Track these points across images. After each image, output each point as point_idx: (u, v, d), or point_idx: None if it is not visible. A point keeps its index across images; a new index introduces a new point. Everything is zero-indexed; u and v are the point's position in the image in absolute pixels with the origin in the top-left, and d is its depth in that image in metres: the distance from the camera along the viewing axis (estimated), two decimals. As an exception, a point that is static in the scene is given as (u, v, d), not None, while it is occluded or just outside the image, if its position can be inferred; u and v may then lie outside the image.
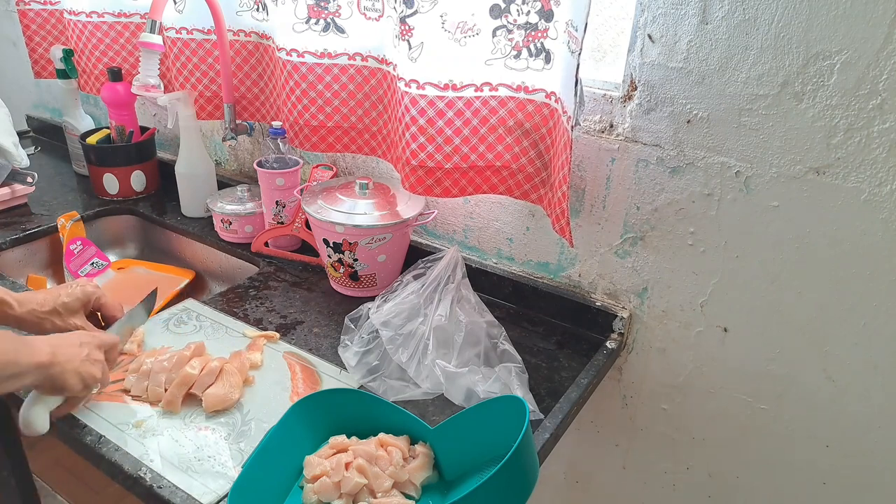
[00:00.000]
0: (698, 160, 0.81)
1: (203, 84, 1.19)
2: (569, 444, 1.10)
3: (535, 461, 0.63)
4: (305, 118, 1.03)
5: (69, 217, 1.20)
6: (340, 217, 0.97)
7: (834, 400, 0.83)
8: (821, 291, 0.79)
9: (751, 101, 0.75)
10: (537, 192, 0.92)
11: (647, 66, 0.81)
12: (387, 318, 0.83)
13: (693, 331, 0.90)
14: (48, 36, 1.45)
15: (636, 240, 0.90)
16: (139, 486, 0.67)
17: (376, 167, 1.15)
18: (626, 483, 1.07)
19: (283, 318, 0.97)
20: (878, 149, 0.70)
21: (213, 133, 1.39)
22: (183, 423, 0.75)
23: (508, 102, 0.87)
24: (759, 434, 0.90)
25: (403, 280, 0.89)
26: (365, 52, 0.98)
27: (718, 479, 0.97)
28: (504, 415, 0.67)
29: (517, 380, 0.80)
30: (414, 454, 0.70)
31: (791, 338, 0.83)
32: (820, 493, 0.89)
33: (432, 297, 0.84)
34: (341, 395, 0.76)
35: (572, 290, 0.99)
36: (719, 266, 0.85)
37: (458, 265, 0.87)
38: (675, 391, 0.95)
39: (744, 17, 0.72)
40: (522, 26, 0.81)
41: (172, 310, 0.97)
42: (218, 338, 0.91)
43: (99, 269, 1.19)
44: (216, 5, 1.07)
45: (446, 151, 0.89)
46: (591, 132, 0.89)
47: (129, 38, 1.31)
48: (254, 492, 0.65)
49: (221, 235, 1.21)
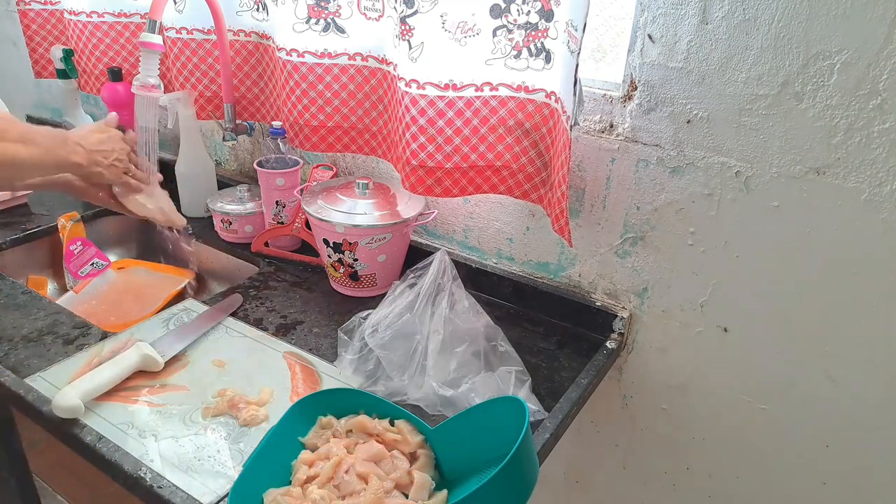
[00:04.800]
0: (698, 160, 0.81)
1: (203, 84, 1.19)
2: (569, 444, 1.10)
3: (535, 461, 0.63)
4: (305, 118, 1.03)
5: (69, 217, 1.20)
6: (340, 217, 0.97)
7: (834, 400, 0.83)
8: (821, 291, 0.79)
9: (751, 101, 0.75)
10: (537, 192, 0.92)
11: (647, 66, 0.81)
12: (383, 342, 0.82)
13: (693, 331, 0.90)
14: (48, 36, 1.45)
15: (636, 240, 0.90)
16: (139, 486, 0.67)
17: (376, 167, 1.15)
18: (626, 483, 1.07)
19: (283, 318, 0.97)
20: (878, 149, 0.70)
21: (213, 133, 1.39)
22: (183, 423, 0.75)
23: (509, 102, 0.87)
24: (759, 434, 0.90)
25: (396, 291, 0.87)
26: (365, 52, 0.98)
27: (718, 479, 0.97)
28: (504, 415, 0.67)
29: (518, 384, 0.79)
30: (415, 456, 0.70)
31: (791, 338, 0.83)
32: (820, 493, 0.89)
33: (426, 311, 0.83)
34: (341, 395, 0.76)
35: (572, 290, 0.99)
36: (719, 266, 0.85)
37: (447, 269, 0.86)
38: (675, 391, 0.95)
39: (744, 17, 0.72)
40: (523, 26, 0.81)
41: (172, 309, 0.97)
42: (218, 338, 0.91)
43: (99, 270, 1.18)
44: (216, 5, 1.07)
45: (446, 151, 0.89)
46: (591, 132, 0.89)
47: (129, 38, 1.31)
48: (254, 492, 0.65)
49: (221, 235, 1.21)
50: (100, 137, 0.89)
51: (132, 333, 0.91)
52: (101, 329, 0.92)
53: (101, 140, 0.89)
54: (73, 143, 0.84)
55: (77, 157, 0.84)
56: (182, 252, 1.20)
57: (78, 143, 0.85)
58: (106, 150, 0.89)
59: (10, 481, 1.02)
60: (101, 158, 0.88)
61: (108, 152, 0.89)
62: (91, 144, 0.87)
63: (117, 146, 0.91)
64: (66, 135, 0.84)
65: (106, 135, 0.90)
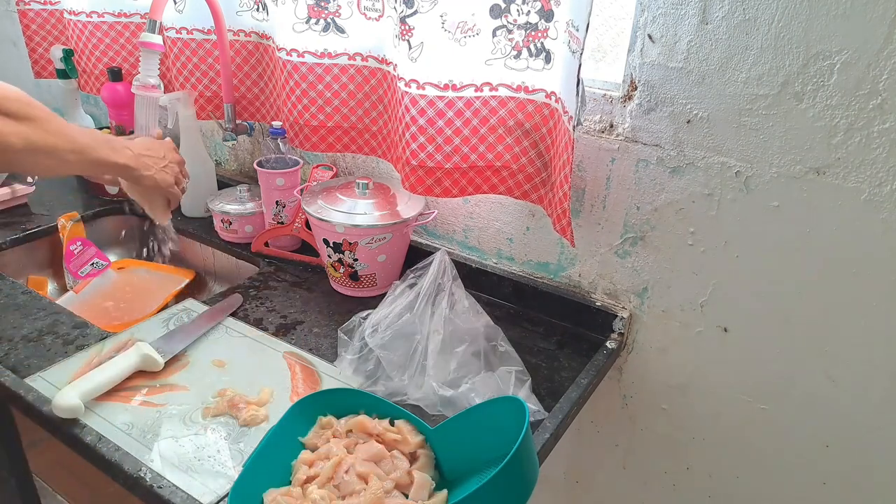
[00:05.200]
0: (698, 160, 0.81)
1: (203, 84, 1.19)
2: (569, 444, 1.10)
3: (535, 461, 0.63)
4: (305, 118, 1.03)
5: (69, 217, 1.20)
6: (340, 217, 0.97)
7: (834, 400, 0.83)
8: (821, 291, 0.79)
9: (751, 101, 0.75)
10: (537, 192, 0.92)
11: (647, 66, 0.81)
12: (383, 342, 0.82)
13: (693, 331, 0.90)
14: (48, 36, 1.45)
15: (636, 240, 0.90)
16: (139, 486, 0.67)
17: (376, 167, 1.15)
18: (626, 483, 1.07)
19: (283, 318, 0.97)
20: (878, 149, 0.70)
21: (213, 133, 1.39)
22: (183, 423, 0.75)
23: (508, 102, 0.87)
24: (759, 434, 0.90)
25: (396, 291, 0.87)
26: (365, 52, 0.98)
27: (718, 479, 0.97)
28: (504, 415, 0.67)
29: (518, 384, 0.79)
30: (415, 456, 0.70)
31: (791, 338, 0.83)
32: (820, 493, 0.89)
33: (426, 311, 0.83)
34: (341, 395, 0.76)
35: (572, 290, 0.99)
36: (719, 266, 0.85)
37: (447, 269, 0.86)
38: (675, 391, 0.95)
39: (744, 17, 0.72)
40: (522, 26, 0.81)
41: (172, 309, 0.97)
42: (218, 338, 0.91)
43: (99, 270, 1.19)
44: (216, 5, 1.07)
45: (446, 151, 0.89)
46: (591, 132, 0.89)
47: (129, 38, 1.31)
48: (254, 492, 0.65)
49: (221, 235, 1.21)
50: (150, 144, 0.90)
51: (132, 333, 0.91)
52: (100, 329, 0.92)
53: (149, 146, 0.89)
54: (120, 146, 0.84)
55: (123, 159, 0.84)
56: (165, 248, 1.21)
57: (126, 145, 0.85)
58: (156, 155, 0.89)
59: (10, 481, 1.02)
60: (151, 163, 0.88)
61: (158, 158, 0.90)
62: (141, 148, 0.87)
63: (169, 154, 0.92)
64: (111, 137, 0.84)
65: (156, 143, 0.92)
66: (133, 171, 0.86)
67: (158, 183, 0.90)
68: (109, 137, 0.83)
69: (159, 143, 0.92)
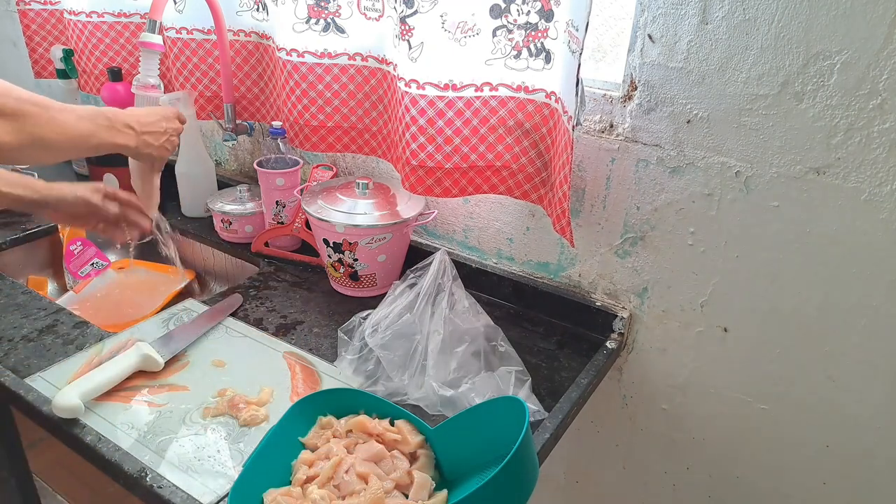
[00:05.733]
0: (698, 160, 0.81)
1: (203, 84, 1.19)
2: (569, 444, 1.10)
3: (535, 461, 0.63)
4: (305, 118, 1.03)
5: (69, 217, 1.20)
6: (340, 217, 0.97)
7: (834, 400, 0.83)
8: (821, 291, 0.79)
9: (751, 101, 0.75)
10: (537, 192, 0.92)
11: (647, 66, 0.81)
12: (383, 342, 0.82)
13: (693, 331, 0.90)
14: (48, 36, 1.45)
15: (636, 240, 0.90)
16: (139, 486, 0.67)
17: (376, 167, 1.15)
18: (626, 483, 1.07)
19: (283, 318, 0.97)
20: (878, 149, 0.70)
21: (213, 133, 1.39)
22: (183, 423, 0.75)
23: (508, 102, 0.87)
24: (759, 434, 0.90)
25: (396, 291, 0.87)
26: (365, 52, 0.98)
27: (718, 479, 0.97)
28: (504, 415, 0.67)
29: (518, 384, 0.79)
30: (414, 456, 0.70)
31: (791, 338, 0.83)
32: (820, 493, 0.89)
33: (426, 311, 0.83)
34: (341, 395, 0.76)
35: (572, 290, 0.99)
36: (719, 266, 0.85)
37: (447, 269, 0.86)
38: (675, 391, 0.95)
39: (744, 17, 0.72)
40: (522, 26, 0.81)
41: (172, 309, 0.97)
42: (218, 338, 0.91)
43: (99, 270, 1.19)
44: (216, 5, 1.07)
45: (446, 151, 0.89)
46: (591, 132, 0.89)
47: (129, 38, 1.31)
48: (254, 492, 0.65)
49: (221, 235, 1.21)
50: (152, 118, 0.89)
51: (132, 333, 0.91)
52: (100, 329, 0.92)
53: (153, 121, 0.89)
54: (122, 125, 0.84)
55: (124, 139, 0.84)
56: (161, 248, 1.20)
57: (128, 124, 0.85)
58: (157, 131, 0.89)
59: (10, 481, 1.02)
60: (152, 140, 0.88)
61: (159, 134, 0.89)
62: (143, 126, 0.87)
63: (170, 126, 0.92)
64: (113, 116, 0.83)
65: (160, 115, 0.90)
66: (133, 150, 0.87)
67: (156, 158, 0.91)
68: (111, 115, 0.83)
69: (161, 114, 0.91)
